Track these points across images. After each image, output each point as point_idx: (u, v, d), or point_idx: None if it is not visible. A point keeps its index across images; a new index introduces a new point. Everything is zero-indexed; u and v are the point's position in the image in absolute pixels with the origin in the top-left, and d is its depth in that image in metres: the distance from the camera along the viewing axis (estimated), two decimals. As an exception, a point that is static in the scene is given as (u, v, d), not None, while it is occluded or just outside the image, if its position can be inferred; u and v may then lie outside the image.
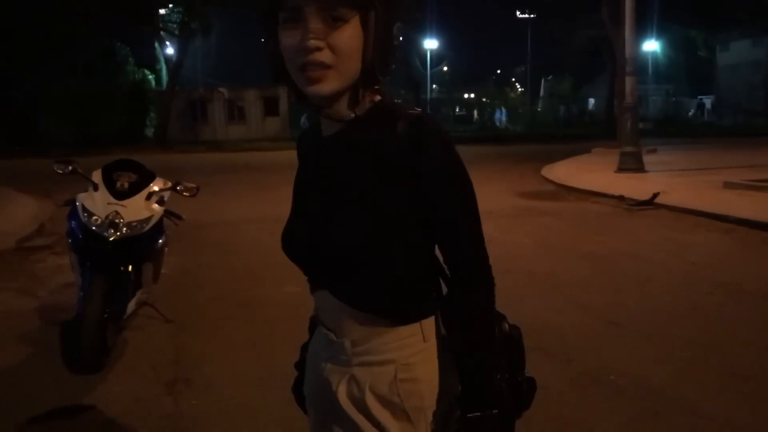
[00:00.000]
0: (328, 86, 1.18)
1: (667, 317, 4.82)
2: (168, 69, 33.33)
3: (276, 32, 1.21)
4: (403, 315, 1.28)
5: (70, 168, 4.17)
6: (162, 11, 32.20)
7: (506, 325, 1.41)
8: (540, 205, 10.49)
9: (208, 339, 4.55)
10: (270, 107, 36.53)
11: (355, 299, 1.28)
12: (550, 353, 4.11)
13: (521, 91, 60.41)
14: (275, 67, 1.24)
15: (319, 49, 1.14)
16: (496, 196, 11.32)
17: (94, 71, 30.71)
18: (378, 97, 1.29)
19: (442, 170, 1.23)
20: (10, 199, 10.43)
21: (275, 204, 9.07)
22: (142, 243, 4.17)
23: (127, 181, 4.21)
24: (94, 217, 4.01)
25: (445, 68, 61.06)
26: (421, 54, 50.03)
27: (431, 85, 55.91)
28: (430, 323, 1.31)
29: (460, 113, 59.79)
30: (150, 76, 35.79)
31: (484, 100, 58.70)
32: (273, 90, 36.25)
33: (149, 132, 33.50)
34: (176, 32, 31.76)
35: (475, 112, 53.65)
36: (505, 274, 6.02)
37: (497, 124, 47.69)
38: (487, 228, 1.33)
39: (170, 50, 33.50)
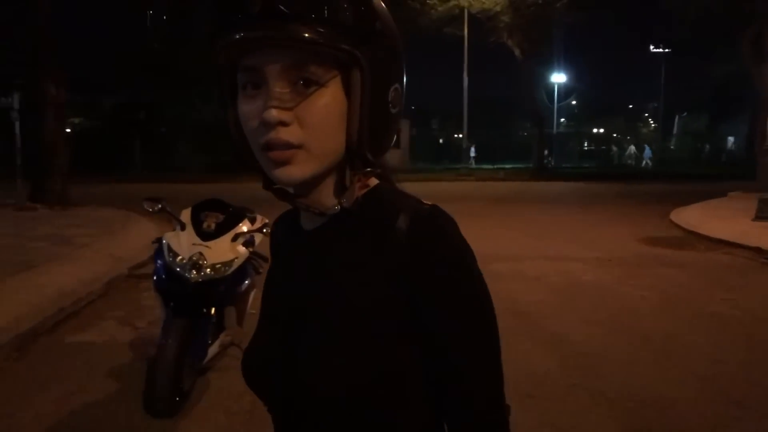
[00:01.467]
0: (298, 171, 0.89)
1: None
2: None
3: (236, 98, 0.93)
4: None
5: (159, 206, 4.14)
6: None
7: None
8: (664, 253, 9.69)
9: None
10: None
11: None
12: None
13: (654, 127, 57.85)
14: (237, 144, 0.95)
15: (283, 123, 0.86)
16: (616, 240, 10.63)
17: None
18: (374, 182, 0.99)
19: (448, 286, 0.91)
20: (133, 224, 10.89)
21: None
22: (225, 286, 4.06)
23: (213, 221, 4.14)
24: (179, 258, 3.95)
25: (574, 102, 59.69)
26: (548, 88, 49.14)
27: (559, 119, 54.70)
28: None
29: (589, 148, 58.03)
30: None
31: (614, 135, 56.79)
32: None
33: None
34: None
35: (614, 148, 50.70)
36: (617, 334, 5.52)
37: (644, 164, 44.10)
38: (602, 277, 0.99)
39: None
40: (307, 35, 0.83)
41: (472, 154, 42.42)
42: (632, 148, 48.23)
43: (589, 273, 7.96)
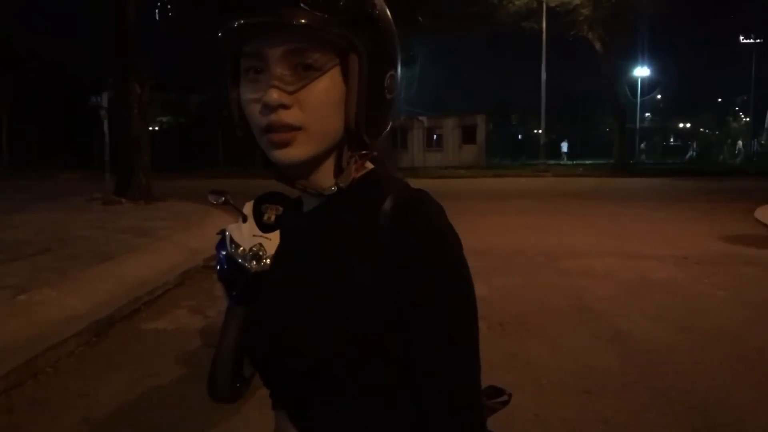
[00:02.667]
0: (297, 152, 0.92)
1: None
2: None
3: (239, 83, 0.97)
4: None
5: (223, 199, 4.30)
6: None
7: None
8: (744, 252, 9.28)
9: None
10: (467, 135, 36.79)
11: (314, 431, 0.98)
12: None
13: (745, 122, 55.26)
14: (241, 128, 0.99)
15: (284, 106, 0.90)
16: (694, 238, 10.27)
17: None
18: (370, 166, 1.02)
19: (428, 270, 0.90)
20: (210, 218, 11.27)
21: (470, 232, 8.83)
22: (285, 276, 4.18)
23: (274, 213, 4.26)
24: (240, 249, 4.10)
25: (659, 96, 57.72)
26: (631, 82, 47.69)
27: (642, 114, 53.01)
28: None
29: (675, 143, 56.01)
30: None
31: (702, 130, 54.61)
32: (471, 118, 36.58)
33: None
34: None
35: (740, 143, 47.44)
36: (685, 333, 5.36)
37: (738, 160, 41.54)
38: (676, 275, 0.97)
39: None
40: (304, 21, 0.87)
41: (564, 149, 41.51)
42: (740, 143, 45.75)
43: (663, 271, 7.73)
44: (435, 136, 37.38)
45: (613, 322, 5.68)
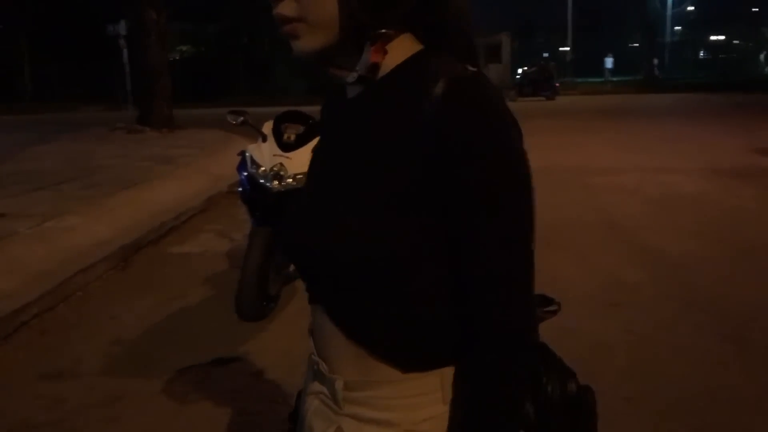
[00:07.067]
0: (304, 43, 0.88)
1: None
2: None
3: None
4: (416, 357, 0.90)
5: (241, 119, 4.23)
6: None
7: (573, 386, 0.96)
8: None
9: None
10: (492, 55, 35.89)
11: (351, 324, 0.93)
12: (755, 348, 3.48)
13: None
14: None
15: None
16: (726, 151, 10.02)
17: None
18: (412, 48, 0.91)
19: (483, 162, 0.81)
20: (233, 144, 11.21)
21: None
22: (307, 195, 4.13)
23: (294, 132, 4.18)
24: (261, 169, 4.04)
25: (691, 7, 55.64)
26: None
27: (672, 27, 51.26)
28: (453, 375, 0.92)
29: (705, 57, 54.31)
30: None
31: (735, 42, 52.78)
32: (495, 38, 35.60)
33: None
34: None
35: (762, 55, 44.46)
36: (715, 245, 5.28)
37: None
38: (706, 187, 0.87)
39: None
40: None
41: (608, 66, 40.25)
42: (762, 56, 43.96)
43: (692, 185, 7.56)
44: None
45: (642, 237, 5.59)
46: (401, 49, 0.91)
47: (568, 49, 34.59)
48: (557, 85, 25.91)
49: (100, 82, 30.13)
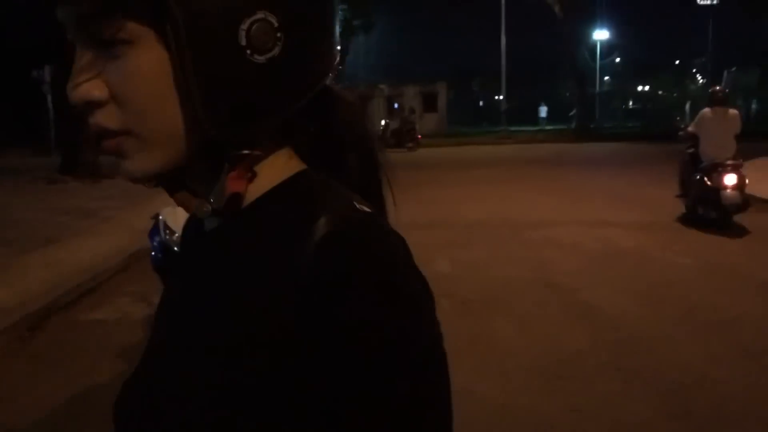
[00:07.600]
0: (133, 166, 0.61)
1: None
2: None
3: None
4: None
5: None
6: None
7: None
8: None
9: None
10: (429, 103, 36.47)
11: None
12: (700, 424, 3.30)
13: (702, 83, 55.85)
14: None
15: (95, 103, 0.59)
16: (657, 202, 10.11)
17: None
18: (294, 167, 0.66)
19: (362, 348, 0.54)
20: (163, 195, 10.79)
21: (432, 203, 8.84)
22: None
23: (214, 195, 3.89)
24: (176, 236, 3.73)
25: (618, 59, 58.04)
26: (591, 45, 47.66)
27: (602, 77, 53.23)
28: None
29: (634, 106, 56.42)
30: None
31: (660, 92, 55.10)
32: (432, 86, 36.29)
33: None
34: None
35: (687, 106, 46.06)
36: (656, 306, 5.17)
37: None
38: (643, 243, 0.66)
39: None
40: None
41: (543, 114, 41.07)
42: (687, 106, 46.15)
43: (629, 239, 7.53)
44: (396, 105, 36.96)
45: (581, 297, 5.45)
46: (273, 169, 0.65)
47: (502, 98, 35.42)
48: (419, 137, 25.97)
49: (29, 126, 29.21)
